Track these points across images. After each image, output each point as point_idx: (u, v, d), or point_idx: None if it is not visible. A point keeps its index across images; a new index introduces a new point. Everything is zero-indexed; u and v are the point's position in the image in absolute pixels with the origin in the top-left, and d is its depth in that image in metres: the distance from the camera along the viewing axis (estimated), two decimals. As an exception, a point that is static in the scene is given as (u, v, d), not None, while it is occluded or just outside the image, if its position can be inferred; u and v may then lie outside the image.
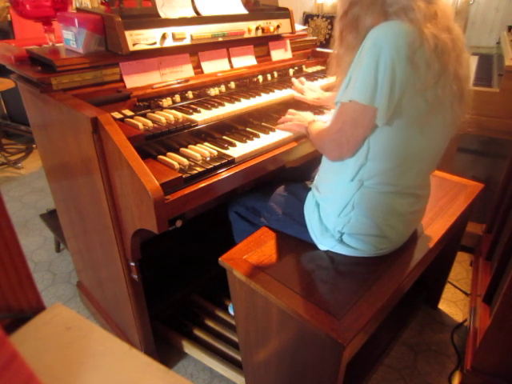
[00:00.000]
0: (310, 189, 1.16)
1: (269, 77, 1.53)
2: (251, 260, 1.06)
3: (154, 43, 1.21)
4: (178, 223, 0.97)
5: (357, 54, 0.88)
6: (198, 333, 1.49)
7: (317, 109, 1.44)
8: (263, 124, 1.32)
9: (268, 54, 1.62)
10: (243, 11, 1.49)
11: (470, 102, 0.98)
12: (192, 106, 1.24)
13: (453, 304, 1.75)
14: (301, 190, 1.18)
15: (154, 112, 1.15)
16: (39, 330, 0.53)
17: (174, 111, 1.17)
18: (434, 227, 1.21)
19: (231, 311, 1.54)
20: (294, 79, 1.52)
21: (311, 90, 1.46)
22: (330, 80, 1.60)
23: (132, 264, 1.12)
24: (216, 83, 1.37)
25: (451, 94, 0.90)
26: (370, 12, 0.88)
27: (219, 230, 1.43)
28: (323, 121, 1.22)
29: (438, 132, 0.95)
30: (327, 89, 1.52)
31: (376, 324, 0.99)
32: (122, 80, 1.19)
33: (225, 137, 1.22)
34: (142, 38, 1.18)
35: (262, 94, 1.39)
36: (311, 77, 1.65)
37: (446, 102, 0.90)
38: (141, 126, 1.05)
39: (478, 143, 2.65)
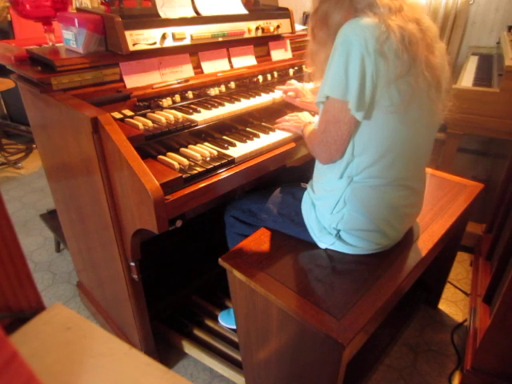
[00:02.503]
0: (305, 189, 1.16)
1: (269, 77, 1.53)
2: (251, 260, 1.06)
3: (154, 43, 1.21)
4: (178, 223, 0.97)
5: (330, 53, 0.90)
6: (198, 333, 1.49)
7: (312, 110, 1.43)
8: (263, 124, 1.32)
9: (268, 54, 1.62)
10: (243, 11, 1.49)
11: (450, 89, 0.99)
12: (192, 106, 1.24)
13: (453, 304, 1.75)
14: (297, 190, 1.18)
15: (153, 112, 1.15)
16: (39, 330, 0.53)
17: (173, 111, 1.17)
18: (434, 227, 1.21)
19: (222, 321, 1.52)
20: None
21: (305, 91, 1.40)
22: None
23: (132, 264, 1.12)
24: (216, 83, 1.37)
25: (425, 83, 0.91)
26: (338, 8, 0.91)
27: (219, 230, 1.43)
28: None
29: (418, 121, 0.96)
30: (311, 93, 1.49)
31: (376, 324, 0.99)
32: (121, 80, 1.19)
33: (225, 137, 1.22)
34: (142, 38, 1.18)
35: (262, 94, 1.39)
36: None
37: (420, 90, 0.91)
38: (141, 126, 1.05)
39: (478, 143, 2.65)
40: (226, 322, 1.51)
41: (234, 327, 1.47)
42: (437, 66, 0.92)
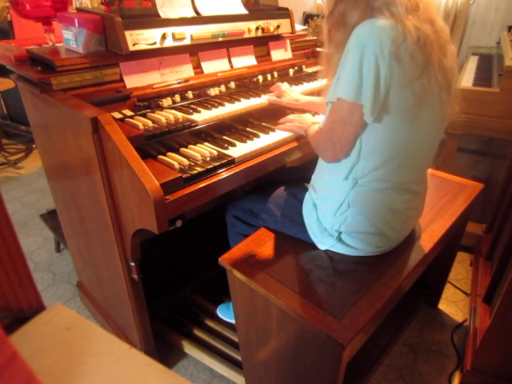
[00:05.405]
0: (307, 189, 1.16)
1: (269, 77, 1.53)
2: (251, 260, 1.06)
3: (154, 43, 1.21)
4: (178, 223, 0.97)
5: (343, 54, 0.89)
6: (198, 333, 1.49)
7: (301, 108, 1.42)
8: (263, 124, 1.32)
9: (268, 54, 1.62)
10: (243, 11, 1.49)
11: (458, 93, 0.99)
12: (192, 106, 1.24)
13: (453, 304, 1.75)
14: (299, 191, 1.18)
15: (154, 112, 1.15)
16: (39, 330, 0.53)
17: (173, 111, 1.17)
18: (434, 227, 1.21)
19: (220, 314, 1.52)
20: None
21: (290, 90, 1.41)
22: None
23: (132, 264, 1.12)
24: (216, 83, 1.37)
25: (437, 85, 0.90)
26: (356, 7, 0.89)
27: (219, 229, 1.43)
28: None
29: (428, 124, 0.96)
30: (312, 93, 1.48)
31: (376, 324, 0.99)
32: (121, 80, 1.19)
33: (225, 137, 1.22)
34: (142, 38, 1.18)
35: (262, 94, 1.39)
36: (311, 77, 1.65)
37: (432, 93, 0.91)
38: (141, 126, 1.05)
39: (478, 143, 2.66)
40: (224, 315, 1.51)
41: (232, 321, 1.47)
42: (448, 69, 0.92)
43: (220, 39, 1.39)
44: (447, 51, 0.92)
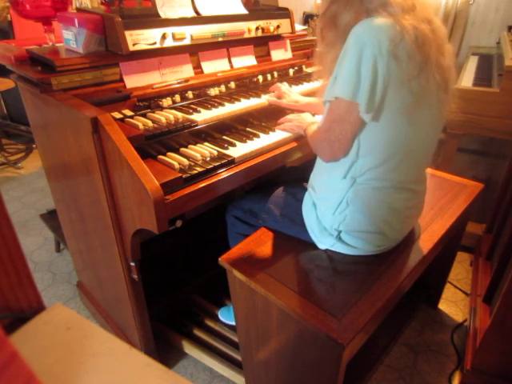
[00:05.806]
0: (306, 189, 1.16)
1: (269, 77, 1.53)
2: (251, 260, 1.06)
3: (154, 43, 1.21)
4: (178, 223, 0.97)
5: (341, 52, 0.89)
6: (198, 333, 1.49)
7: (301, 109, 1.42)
8: (263, 124, 1.32)
9: (268, 54, 1.62)
10: (243, 11, 1.49)
11: (456, 92, 0.99)
12: (192, 106, 1.24)
13: (453, 304, 1.75)
14: (299, 191, 1.18)
15: (154, 112, 1.15)
16: (39, 330, 0.53)
17: (173, 111, 1.17)
18: (434, 227, 1.21)
19: (221, 317, 1.53)
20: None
21: (290, 92, 1.41)
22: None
23: (132, 264, 1.12)
24: (216, 83, 1.37)
25: (435, 84, 0.91)
26: (348, 8, 0.90)
27: (219, 230, 1.43)
28: None
29: (426, 123, 0.96)
30: (312, 93, 1.48)
31: (376, 324, 0.99)
32: (121, 80, 1.19)
33: (225, 137, 1.22)
34: (142, 38, 1.18)
35: (262, 95, 1.38)
36: (311, 77, 1.64)
37: (430, 92, 0.91)
38: (141, 126, 1.05)
39: (478, 143, 2.66)
40: (225, 318, 1.51)
41: (234, 324, 1.47)
42: (445, 68, 0.92)
43: (220, 39, 1.39)
44: (445, 50, 0.92)
